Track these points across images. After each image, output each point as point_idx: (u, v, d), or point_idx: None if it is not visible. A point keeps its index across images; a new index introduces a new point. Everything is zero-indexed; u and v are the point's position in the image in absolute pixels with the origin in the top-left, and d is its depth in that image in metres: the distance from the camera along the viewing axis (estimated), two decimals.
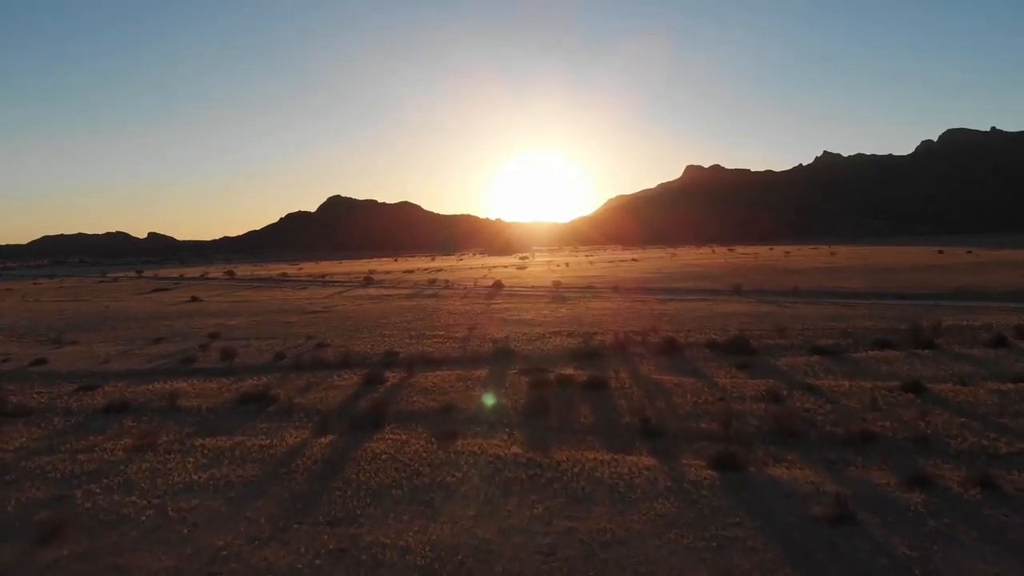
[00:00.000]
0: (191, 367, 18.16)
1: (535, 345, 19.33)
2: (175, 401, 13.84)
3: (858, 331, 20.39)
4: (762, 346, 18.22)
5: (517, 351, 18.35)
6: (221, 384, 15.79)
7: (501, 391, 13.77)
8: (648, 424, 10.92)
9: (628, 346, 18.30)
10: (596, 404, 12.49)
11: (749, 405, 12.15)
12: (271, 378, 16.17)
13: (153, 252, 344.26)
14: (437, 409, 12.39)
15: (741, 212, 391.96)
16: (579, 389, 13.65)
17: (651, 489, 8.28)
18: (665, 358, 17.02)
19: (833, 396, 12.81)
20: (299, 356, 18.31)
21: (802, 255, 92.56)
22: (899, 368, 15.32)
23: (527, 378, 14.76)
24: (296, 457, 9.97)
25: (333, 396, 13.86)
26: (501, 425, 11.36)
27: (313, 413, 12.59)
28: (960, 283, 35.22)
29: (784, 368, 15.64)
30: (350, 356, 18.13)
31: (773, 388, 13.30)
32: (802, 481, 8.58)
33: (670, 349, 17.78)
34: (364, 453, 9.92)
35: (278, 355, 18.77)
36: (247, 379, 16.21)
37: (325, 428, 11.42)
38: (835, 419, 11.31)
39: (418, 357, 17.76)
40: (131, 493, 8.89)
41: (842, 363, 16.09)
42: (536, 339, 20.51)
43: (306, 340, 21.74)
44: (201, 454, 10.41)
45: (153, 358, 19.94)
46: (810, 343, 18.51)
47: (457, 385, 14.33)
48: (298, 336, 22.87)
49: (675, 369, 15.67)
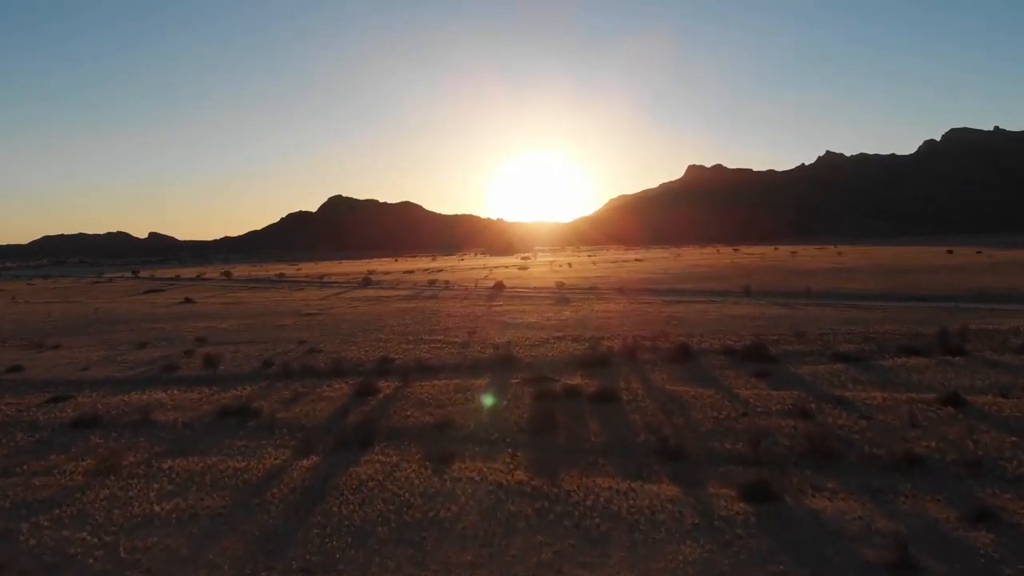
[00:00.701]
0: (173, 375, 17.08)
1: (539, 351, 18.24)
2: (149, 415, 12.75)
3: (880, 336, 19.28)
4: (781, 352, 17.11)
5: (520, 357, 17.25)
6: (202, 395, 14.71)
7: (503, 403, 12.67)
8: (666, 444, 9.81)
9: (638, 352, 17.20)
10: (607, 419, 11.39)
11: (776, 421, 11.04)
12: (256, 388, 15.10)
13: (154, 252, 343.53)
14: (433, 425, 11.28)
15: (743, 212, 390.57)
16: (588, 401, 12.55)
17: (677, 527, 7.17)
18: (678, 366, 15.91)
19: (867, 410, 11.70)
20: (288, 363, 17.22)
21: (808, 255, 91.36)
22: (932, 378, 14.21)
23: (531, 388, 13.66)
24: (273, 484, 8.87)
25: (320, 409, 12.76)
26: (503, 444, 10.25)
27: (297, 429, 11.50)
28: (978, 284, 34.10)
29: (807, 377, 14.53)
30: (342, 363, 17.03)
31: (800, 401, 12.19)
32: (848, 516, 7.47)
33: (683, 356, 16.68)
34: (349, 479, 8.82)
35: (266, 362, 17.68)
36: (230, 389, 15.12)
37: (308, 448, 10.33)
38: (873, 438, 10.20)
39: (414, 364, 16.67)
40: (83, 527, 7.80)
41: (869, 372, 14.98)
42: (540, 344, 19.41)
43: (297, 345, 20.66)
44: (168, 479, 9.32)
45: (135, 365, 18.86)
46: (831, 349, 17.41)
47: (455, 397, 13.23)
48: (289, 341, 21.78)
49: (690, 378, 14.56)
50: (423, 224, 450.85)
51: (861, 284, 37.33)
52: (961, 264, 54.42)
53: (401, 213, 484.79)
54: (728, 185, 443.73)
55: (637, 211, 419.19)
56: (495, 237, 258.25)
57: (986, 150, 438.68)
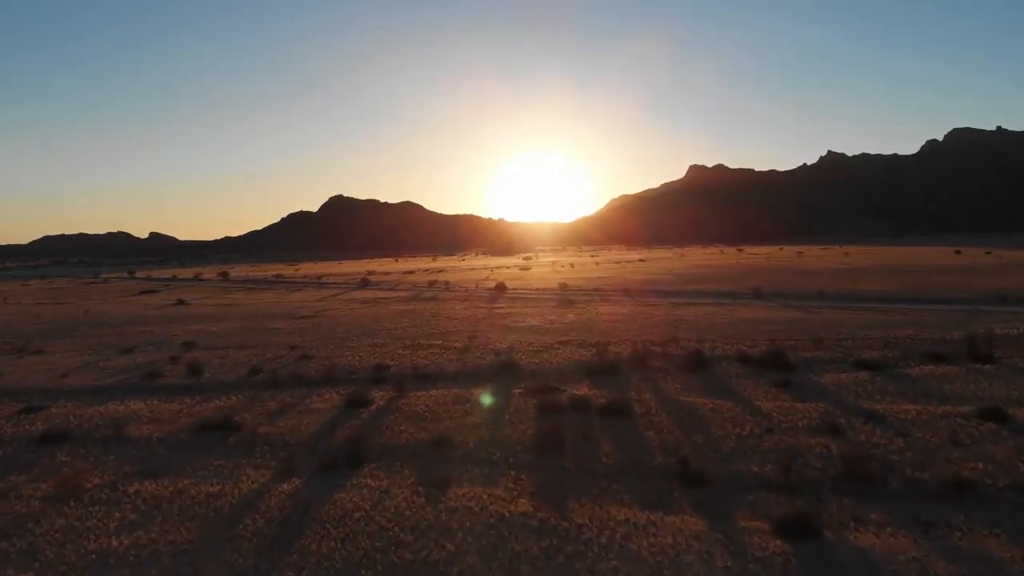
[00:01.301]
0: (155, 383, 16.13)
1: (542, 357, 17.26)
2: (122, 429, 11.79)
3: (902, 341, 18.31)
4: (799, 360, 16.13)
5: (522, 364, 16.28)
6: (183, 405, 13.75)
7: (505, 417, 11.70)
8: (687, 467, 8.84)
9: (648, 359, 16.22)
10: (620, 436, 10.41)
11: (805, 439, 10.06)
12: (241, 398, 14.15)
13: (154, 252, 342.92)
14: (428, 442, 10.32)
15: (745, 212, 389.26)
16: (597, 415, 11.57)
17: (706, 571, 6.20)
18: (692, 374, 14.94)
19: (901, 426, 10.72)
20: (276, 371, 16.27)
21: (814, 255, 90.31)
22: (965, 388, 13.24)
23: (535, 400, 12.70)
24: (248, 513, 7.91)
25: (307, 423, 11.79)
26: (505, 465, 9.29)
27: (280, 446, 10.55)
28: (994, 286, 33.09)
29: (831, 387, 13.55)
30: (334, 370, 16.07)
31: (828, 415, 11.23)
32: (901, 556, 6.51)
33: (696, 363, 15.70)
34: (333, 509, 7.86)
35: (253, 369, 16.71)
36: (214, 399, 14.18)
37: (291, 469, 9.37)
38: (914, 459, 9.23)
39: (410, 372, 15.71)
40: (30, 567, 6.87)
41: (896, 381, 14.00)
42: (543, 350, 18.45)
43: (288, 351, 19.69)
44: (132, 506, 8.37)
45: (117, 372, 17.90)
46: (853, 356, 16.44)
47: (453, 409, 12.26)
48: (281, 345, 20.82)
49: (706, 389, 13.58)
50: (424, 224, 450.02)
51: (873, 285, 36.32)
52: (972, 265, 53.38)
53: (402, 213, 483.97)
54: (730, 185, 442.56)
55: (638, 211, 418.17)
56: (496, 237, 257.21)
57: (988, 150, 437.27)
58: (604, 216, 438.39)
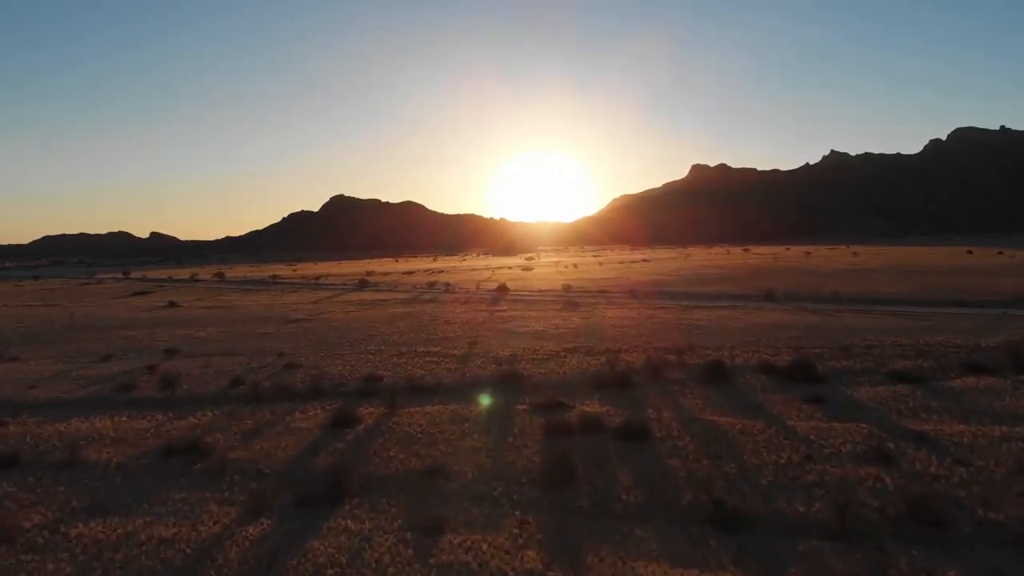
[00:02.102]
0: (127, 396, 14.86)
1: (548, 367, 15.97)
2: (79, 453, 10.52)
3: (935, 349, 17.00)
4: (829, 370, 14.84)
5: (526, 375, 15.00)
6: (152, 423, 12.48)
7: (507, 439, 10.41)
8: (722, 507, 7.55)
9: (663, 370, 14.92)
10: (639, 465, 9.12)
11: (852, 470, 8.76)
12: (217, 414, 12.87)
13: (155, 252, 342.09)
14: (420, 472, 9.03)
15: (747, 212, 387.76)
16: (612, 438, 10.28)
17: None
18: (713, 388, 13.64)
19: (958, 452, 9.42)
20: (259, 382, 14.99)
21: (822, 256, 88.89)
22: (1016, 404, 11.96)
23: (541, 418, 11.41)
24: (202, 567, 6.62)
25: (285, 446, 10.50)
26: (508, 503, 8.00)
27: (252, 475, 9.27)
28: (1017, 288, 31.76)
29: (869, 403, 12.25)
30: (322, 382, 14.80)
31: (872, 438, 9.94)
32: None
33: (717, 375, 14.40)
34: (303, 563, 6.57)
35: (235, 380, 15.43)
36: (187, 415, 12.90)
37: (260, 506, 8.09)
38: (982, 494, 7.95)
39: (404, 384, 14.43)
40: None
41: (938, 396, 12.71)
42: (548, 358, 17.16)
43: (276, 358, 18.41)
44: (71, 554, 7.09)
45: (90, 382, 16.63)
46: (886, 366, 15.14)
47: (450, 430, 10.96)
48: (268, 352, 19.55)
49: (731, 405, 12.29)
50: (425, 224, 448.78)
51: (888, 287, 34.98)
52: (986, 266, 52.00)
53: (403, 213, 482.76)
54: (732, 185, 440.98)
55: (640, 211, 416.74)
56: (497, 237, 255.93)
57: (992, 150, 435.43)
58: (606, 216, 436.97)
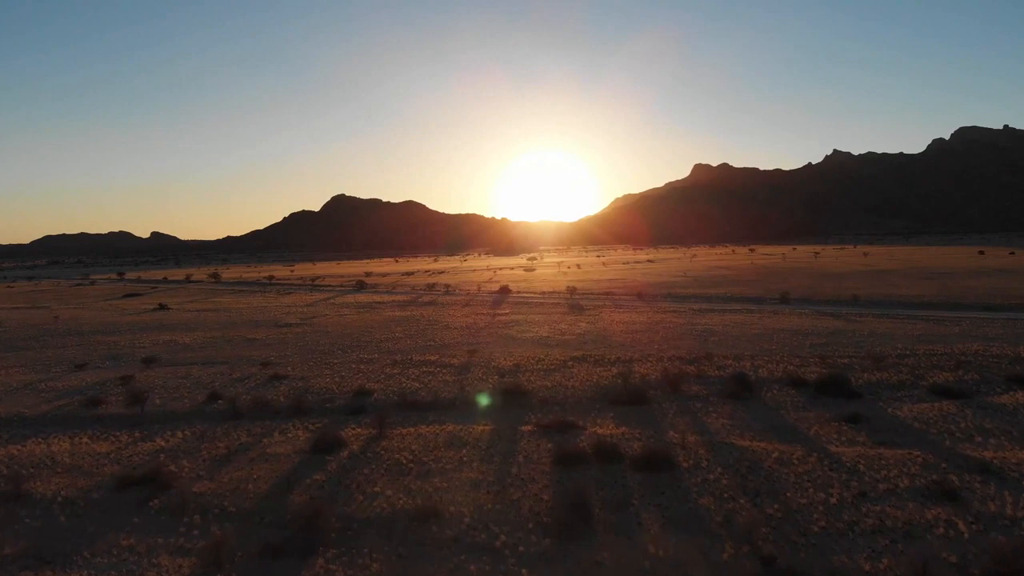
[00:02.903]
0: (94, 412, 13.57)
1: (555, 379, 14.63)
2: (25, 484, 9.21)
3: (973, 359, 15.66)
4: (863, 384, 13.51)
5: (532, 389, 13.67)
6: (115, 445, 11.18)
7: (511, 469, 9.08)
8: (772, 565, 6.21)
9: (681, 383, 13.59)
10: (667, 505, 7.78)
11: (915, 510, 7.41)
12: (188, 434, 11.56)
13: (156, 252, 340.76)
14: (409, 514, 7.70)
15: (750, 211, 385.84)
16: (632, 468, 8.95)
17: None
18: (738, 404, 12.31)
19: None
20: (238, 397, 13.69)
21: (832, 256, 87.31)
22: None
23: (549, 442, 10.09)
24: None
25: (258, 478, 9.18)
26: (511, 557, 6.67)
27: (216, 514, 7.96)
28: None
29: (914, 424, 10.92)
30: (307, 396, 13.50)
31: (930, 469, 8.60)
32: None
33: (741, 389, 13.07)
34: None
35: (212, 394, 14.11)
36: (155, 435, 11.60)
37: (219, 556, 6.79)
38: None
39: (396, 399, 13.12)
40: None
41: (990, 415, 11.38)
42: (555, 368, 15.83)
43: (261, 368, 17.10)
44: None
45: (57, 395, 15.34)
46: (924, 380, 13.82)
47: (446, 458, 9.63)
48: (254, 361, 18.24)
49: (760, 425, 10.96)
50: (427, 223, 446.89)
51: (907, 289, 33.56)
52: (1002, 267, 50.53)
53: (405, 212, 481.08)
54: (735, 184, 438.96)
55: (643, 210, 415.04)
56: (499, 237, 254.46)
57: (996, 148, 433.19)
58: (608, 215, 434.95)
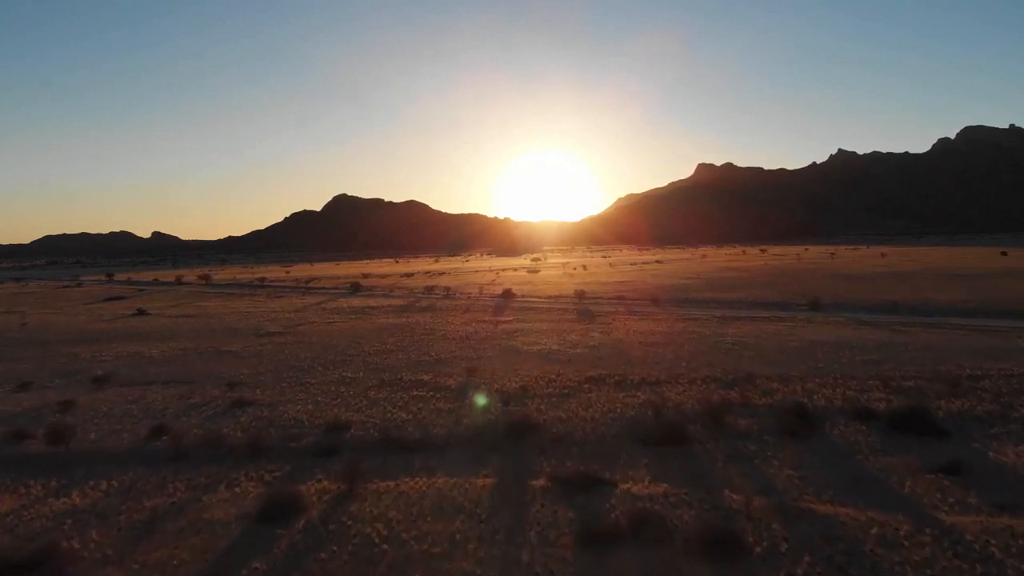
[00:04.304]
0: (14, 451, 11.24)
1: (570, 408, 12.24)
2: None
3: None
4: (947, 416, 11.10)
5: (543, 421, 11.29)
6: (18, 503, 8.86)
7: (520, 556, 6.67)
8: None
9: (725, 415, 11.18)
10: None
11: None
12: (115, 485, 9.23)
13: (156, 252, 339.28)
14: None
15: (754, 211, 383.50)
16: (686, 554, 6.54)
17: None
18: (802, 446, 9.92)
19: None
20: (188, 431, 11.32)
21: (848, 257, 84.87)
22: None
23: (569, 510, 7.70)
24: None
25: (179, 563, 6.79)
26: None
27: None
28: None
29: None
30: (270, 430, 11.14)
31: None
32: None
33: (800, 423, 10.66)
34: None
35: (157, 428, 11.73)
36: (74, 487, 9.26)
37: None
38: None
39: (378, 436, 10.74)
40: None
41: None
42: (569, 392, 13.45)
43: (224, 391, 14.71)
44: None
45: None
46: (1014, 408, 11.46)
47: (432, 533, 7.23)
48: (220, 380, 15.87)
49: (838, 480, 8.57)
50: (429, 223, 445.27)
51: (942, 294, 31.10)
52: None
53: (407, 212, 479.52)
54: (739, 184, 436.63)
55: (646, 210, 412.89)
56: (502, 236, 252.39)
57: (1002, 148, 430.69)
58: (611, 215, 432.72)
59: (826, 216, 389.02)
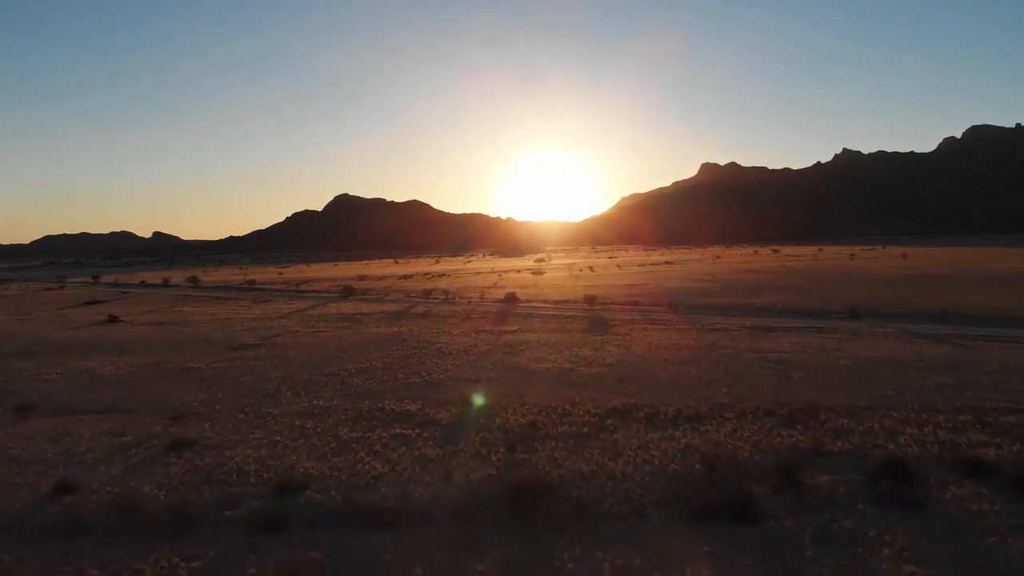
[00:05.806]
0: None
1: (593, 456, 9.62)
2: None
3: None
4: None
5: (559, 479, 8.70)
6: None
7: None
8: None
9: (798, 471, 8.58)
10: None
11: None
12: None
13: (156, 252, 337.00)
14: None
15: (759, 211, 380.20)
16: None
17: None
18: (913, 521, 7.32)
19: None
20: (98, 490, 8.76)
21: (868, 258, 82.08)
22: None
23: None
24: None
25: None
26: None
27: None
28: None
29: None
30: (203, 489, 8.56)
31: None
32: None
33: (899, 484, 8.06)
34: None
35: (61, 485, 9.10)
36: None
37: None
38: None
39: (341, 502, 8.16)
40: None
41: None
42: (589, 431, 10.85)
43: (166, 425, 12.10)
44: None
45: None
46: None
47: None
48: (167, 409, 13.27)
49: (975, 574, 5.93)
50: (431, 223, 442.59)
51: (989, 301, 28.42)
52: None
53: (409, 212, 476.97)
54: (743, 183, 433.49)
55: (649, 210, 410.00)
56: (505, 236, 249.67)
57: (1008, 147, 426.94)
58: (614, 215, 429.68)
59: (828, 216, 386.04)
